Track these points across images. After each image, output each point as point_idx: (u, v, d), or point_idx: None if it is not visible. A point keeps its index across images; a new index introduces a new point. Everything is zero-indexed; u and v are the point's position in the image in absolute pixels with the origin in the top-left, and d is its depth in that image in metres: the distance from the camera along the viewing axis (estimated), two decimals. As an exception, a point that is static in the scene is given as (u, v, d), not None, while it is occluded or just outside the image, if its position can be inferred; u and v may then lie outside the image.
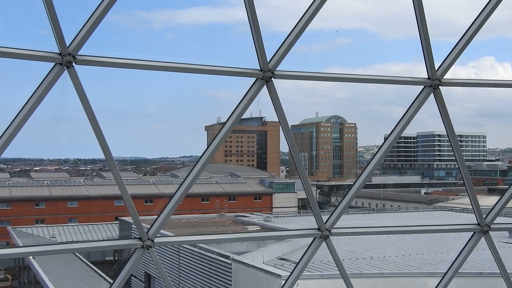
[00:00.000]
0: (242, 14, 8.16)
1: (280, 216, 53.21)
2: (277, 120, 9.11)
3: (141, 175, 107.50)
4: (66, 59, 7.17)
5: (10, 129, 7.17)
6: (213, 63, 8.42)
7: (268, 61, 8.43)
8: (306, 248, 9.98)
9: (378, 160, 9.87)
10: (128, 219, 49.98)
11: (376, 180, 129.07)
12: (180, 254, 35.14)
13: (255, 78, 8.53)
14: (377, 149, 10.08)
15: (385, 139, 9.91)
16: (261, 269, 26.45)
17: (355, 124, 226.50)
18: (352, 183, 10.06)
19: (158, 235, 8.74)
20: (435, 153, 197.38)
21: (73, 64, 7.25)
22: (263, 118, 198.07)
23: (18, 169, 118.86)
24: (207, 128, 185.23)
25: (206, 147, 8.66)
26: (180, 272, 35.03)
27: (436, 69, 9.44)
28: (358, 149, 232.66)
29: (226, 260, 29.65)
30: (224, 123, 8.60)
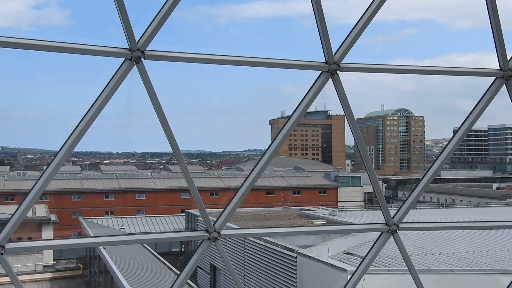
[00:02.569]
0: (306, 7, 8.15)
1: (345, 210, 52.86)
2: (342, 113, 9.05)
3: (206, 168, 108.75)
4: (135, 55, 7.35)
5: (82, 123, 7.41)
6: (277, 57, 8.45)
7: (333, 53, 8.39)
8: (373, 243, 9.89)
9: (447, 154, 9.65)
10: (194, 211, 50.77)
11: (446, 174, 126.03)
12: (245, 247, 35.44)
13: (321, 71, 8.50)
14: (446, 143, 9.85)
15: (455, 132, 9.68)
16: (327, 263, 26.36)
17: (422, 117, 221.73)
18: (420, 178, 9.88)
19: (224, 228, 8.85)
20: (507, 146, 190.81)
21: (142, 59, 7.43)
22: (328, 112, 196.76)
23: (88, 162, 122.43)
24: (272, 122, 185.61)
25: (271, 140, 8.69)
26: (245, 265, 35.35)
27: (508, 59, 9.13)
28: (426, 143, 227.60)
29: (291, 254, 29.69)
30: (289, 117, 8.60)
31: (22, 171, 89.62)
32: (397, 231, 9.69)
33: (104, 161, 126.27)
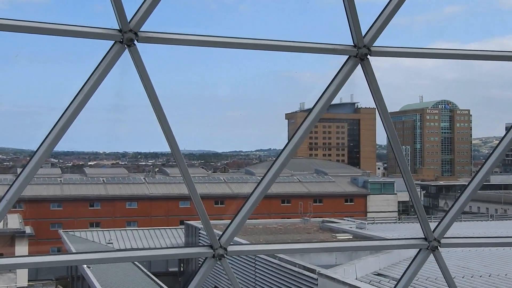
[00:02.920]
0: (332, -20, 8.15)
1: (376, 223, 52.82)
2: (372, 106, 9.07)
3: (210, 171, 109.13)
4: (127, 37, 7.37)
5: (64, 117, 7.43)
6: (295, 39, 8.45)
7: (363, 35, 8.38)
8: (410, 262, 9.88)
9: (499, 155, 9.62)
10: (196, 223, 50.83)
11: (496, 180, 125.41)
12: (256, 266, 35.46)
13: (348, 56, 8.49)
14: (497, 142, 9.81)
15: (508, 129, 9.65)
16: (354, 286, 26.34)
17: (468, 111, 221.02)
18: (466, 184, 9.85)
19: (231, 243, 8.87)
20: None
21: (135, 42, 7.46)
22: (356, 104, 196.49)
23: (70, 164, 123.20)
24: (289, 117, 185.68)
25: (288, 138, 8.69)
26: (256, 287, 35.37)
27: None
28: (473, 142, 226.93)
29: (311, 274, 29.70)
30: (310, 110, 8.60)
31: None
32: (439, 247, 9.68)
33: (89, 163, 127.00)
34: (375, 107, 8.83)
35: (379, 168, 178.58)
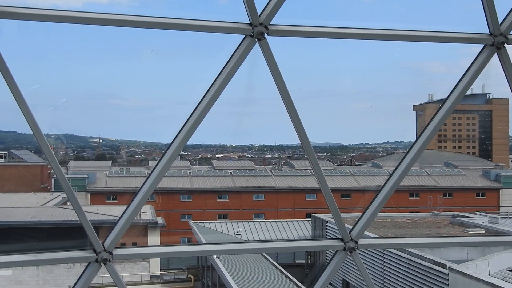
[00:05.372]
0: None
1: (510, 217, 51.02)
2: (506, 96, 8.70)
3: (336, 164, 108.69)
4: (257, 30, 7.44)
5: (196, 112, 7.63)
6: (423, 28, 8.33)
7: (499, 23, 8.08)
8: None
9: None
10: (323, 216, 50.88)
11: None
12: (384, 260, 35.14)
13: (483, 45, 8.22)
14: None
15: None
16: (487, 283, 25.66)
17: None
18: None
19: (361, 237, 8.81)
20: None
21: (265, 35, 7.52)
22: (488, 95, 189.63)
23: (199, 157, 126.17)
24: (417, 108, 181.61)
25: (417, 131, 8.54)
26: (384, 281, 35.06)
27: None
28: None
29: (442, 270, 29.16)
30: (444, 102, 8.40)
31: (125, 167, 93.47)
32: None
33: (217, 156, 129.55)
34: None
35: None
